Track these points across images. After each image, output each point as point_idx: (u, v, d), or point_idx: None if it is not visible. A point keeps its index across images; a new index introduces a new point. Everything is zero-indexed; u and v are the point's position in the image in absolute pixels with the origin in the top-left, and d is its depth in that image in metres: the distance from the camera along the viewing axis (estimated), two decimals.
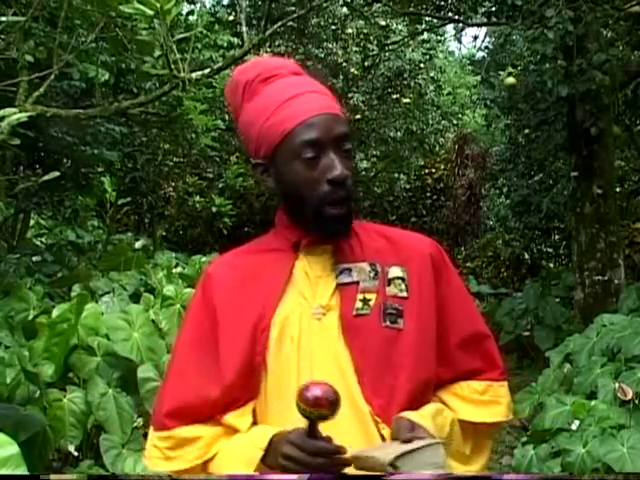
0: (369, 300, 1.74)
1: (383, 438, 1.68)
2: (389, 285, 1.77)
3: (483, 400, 1.84)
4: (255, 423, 1.75)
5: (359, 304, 1.73)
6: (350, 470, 1.58)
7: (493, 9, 9.85)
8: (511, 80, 8.25)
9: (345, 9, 13.70)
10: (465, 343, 1.85)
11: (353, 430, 1.68)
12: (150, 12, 3.96)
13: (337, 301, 1.74)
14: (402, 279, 1.78)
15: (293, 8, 11.06)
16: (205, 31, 10.84)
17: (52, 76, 4.73)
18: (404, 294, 1.77)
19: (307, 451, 1.54)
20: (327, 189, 1.70)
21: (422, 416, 1.69)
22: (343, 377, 1.69)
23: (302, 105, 1.73)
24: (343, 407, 1.56)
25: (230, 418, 1.73)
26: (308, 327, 1.73)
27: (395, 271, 1.79)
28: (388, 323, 1.73)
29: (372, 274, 1.77)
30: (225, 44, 11.86)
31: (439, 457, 1.56)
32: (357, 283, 1.76)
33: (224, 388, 1.71)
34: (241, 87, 1.83)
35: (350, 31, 14.47)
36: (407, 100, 15.98)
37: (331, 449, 1.55)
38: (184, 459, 1.73)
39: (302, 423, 1.57)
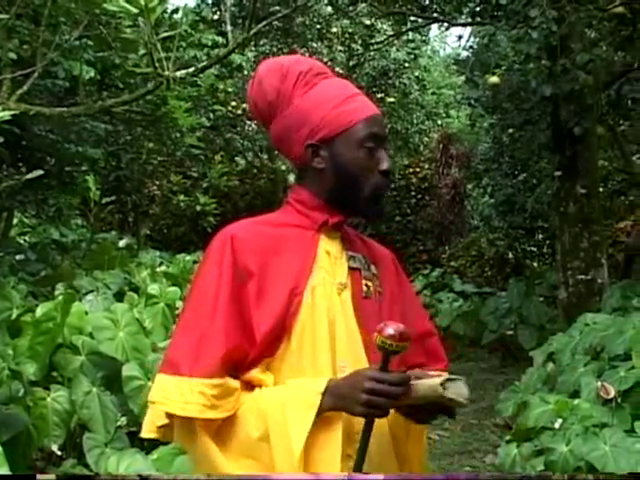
0: (370, 287, 1.99)
1: None
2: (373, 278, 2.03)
3: None
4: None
5: (365, 287, 1.99)
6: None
7: (477, 9, 9.89)
8: (495, 79, 8.26)
9: (330, 8, 13.72)
10: (415, 340, 1.97)
11: None
12: (134, 10, 3.95)
13: (349, 281, 1.98)
14: (377, 276, 2.04)
15: (278, 7, 11.05)
16: (190, 30, 10.81)
17: (36, 74, 4.72)
18: (380, 289, 2.03)
19: (390, 382, 1.73)
20: (380, 179, 1.96)
21: None
22: (354, 349, 1.92)
23: (363, 103, 2.00)
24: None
25: (255, 373, 1.85)
26: (331, 298, 1.94)
27: (373, 268, 2.04)
28: (379, 309, 1.99)
29: (366, 266, 2.02)
30: (210, 43, 11.84)
31: (466, 390, 1.79)
32: (360, 270, 2.00)
33: (258, 343, 1.84)
34: (294, 76, 2.01)
35: (335, 30, 14.50)
36: (392, 99, 16.03)
37: (409, 377, 1.77)
38: (225, 408, 1.81)
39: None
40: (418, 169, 18.59)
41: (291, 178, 14.61)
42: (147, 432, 1.94)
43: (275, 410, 1.79)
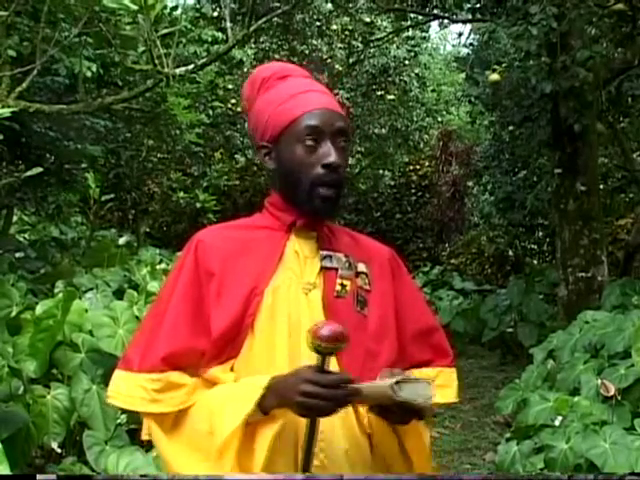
0: (345, 286, 1.97)
1: (355, 408, 1.89)
2: (357, 277, 2.00)
3: (436, 385, 1.97)
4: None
5: (338, 287, 1.96)
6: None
7: (478, 6, 9.87)
8: (495, 77, 8.25)
9: (330, 5, 13.70)
10: (417, 337, 2.06)
11: None
12: (134, 7, 3.94)
13: (320, 281, 1.96)
14: (366, 274, 2.02)
15: (278, 4, 11.03)
16: (189, 25, 10.79)
17: (35, 71, 4.71)
18: (368, 287, 2.01)
19: (325, 384, 1.70)
20: (321, 172, 1.92)
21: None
22: None
23: (311, 98, 1.98)
24: None
25: (215, 371, 1.88)
26: (297, 299, 1.93)
27: (361, 266, 2.03)
28: (359, 308, 1.97)
29: (347, 265, 2.00)
30: (209, 39, 11.82)
31: (429, 391, 1.75)
32: (336, 269, 1.98)
33: (213, 341, 1.87)
34: (259, 82, 2.06)
35: (335, 27, 14.46)
36: (392, 97, 15.99)
37: (347, 378, 1.74)
38: (168, 403, 1.86)
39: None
40: (418, 166, 18.60)
41: None
42: (145, 434, 1.99)
43: (219, 404, 1.83)
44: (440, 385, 1.99)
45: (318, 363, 1.73)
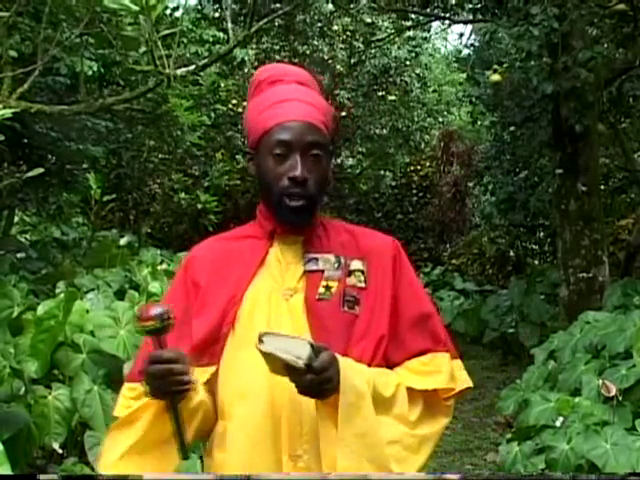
0: (331, 287, 1.97)
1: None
2: (349, 276, 2.00)
3: (427, 370, 1.99)
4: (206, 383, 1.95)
5: (322, 289, 1.97)
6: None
7: (479, 6, 9.87)
8: (496, 77, 8.26)
9: (331, 6, 13.69)
10: (411, 325, 2.03)
11: (307, 398, 1.81)
12: (135, 8, 3.94)
13: (303, 286, 1.98)
14: (362, 271, 2.02)
15: (279, 5, 11.04)
16: (191, 26, 10.80)
17: (36, 71, 4.71)
18: (362, 285, 2.00)
19: (160, 359, 1.76)
20: (286, 184, 1.94)
21: (353, 365, 1.86)
22: None
23: (286, 109, 1.98)
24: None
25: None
26: (277, 305, 1.95)
27: (356, 264, 2.02)
28: (346, 308, 1.96)
29: (336, 265, 2.01)
30: (211, 39, 11.83)
31: (303, 352, 1.70)
32: (322, 272, 1.99)
33: (192, 347, 1.92)
34: (255, 84, 2.11)
35: (336, 28, 14.47)
36: (393, 97, 15.99)
37: (164, 355, 1.77)
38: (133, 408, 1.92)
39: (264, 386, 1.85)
40: (419, 167, 18.60)
41: None
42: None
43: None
44: (430, 371, 1.98)
45: (154, 345, 1.79)
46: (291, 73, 2.11)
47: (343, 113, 15.23)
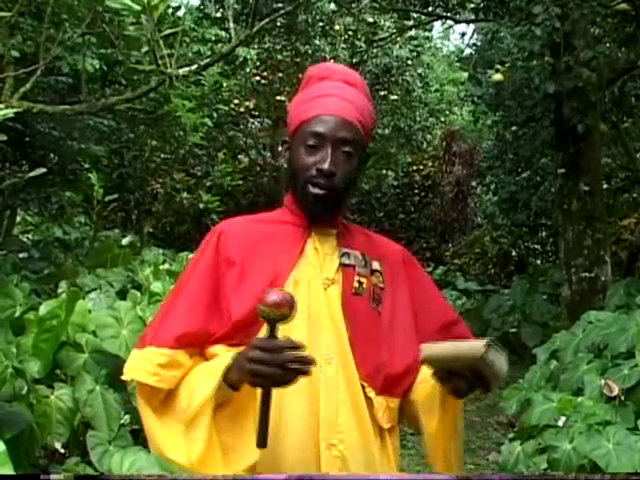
0: (362, 283, 2.02)
1: (368, 399, 1.93)
2: (372, 275, 2.05)
3: None
4: None
5: (356, 284, 2.01)
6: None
7: (481, 6, 9.87)
8: (498, 77, 8.25)
9: (333, 5, 13.69)
10: (438, 332, 2.04)
11: (342, 389, 1.91)
12: (137, 7, 3.94)
13: (339, 278, 2.01)
14: (380, 272, 2.07)
15: (281, 5, 11.03)
16: (193, 25, 10.80)
17: (39, 71, 4.71)
18: (382, 285, 2.05)
19: (270, 349, 1.69)
20: (314, 173, 1.97)
21: None
22: (340, 342, 1.94)
23: (325, 103, 2.03)
24: (337, 368, 1.90)
25: (217, 349, 1.92)
26: (316, 293, 1.98)
27: (375, 264, 2.07)
28: (374, 305, 2.02)
29: (363, 262, 2.05)
30: (213, 38, 11.83)
31: (505, 364, 1.74)
32: (354, 267, 2.03)
33: (232, 323, 1.90)
34: (306, 79, 2.16)
35: (338, 28, 14.46)
36: (395, 97, 15.99)
37: (291, 344, 1.70)
38: (166, 380, 1.89)
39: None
40: (421, 166, 18.60)
41: None
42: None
43: (195, 381, 1.86)
44: None
45: (268, 331, 1.72)
46: (340, 72, 2.15)
47: None
